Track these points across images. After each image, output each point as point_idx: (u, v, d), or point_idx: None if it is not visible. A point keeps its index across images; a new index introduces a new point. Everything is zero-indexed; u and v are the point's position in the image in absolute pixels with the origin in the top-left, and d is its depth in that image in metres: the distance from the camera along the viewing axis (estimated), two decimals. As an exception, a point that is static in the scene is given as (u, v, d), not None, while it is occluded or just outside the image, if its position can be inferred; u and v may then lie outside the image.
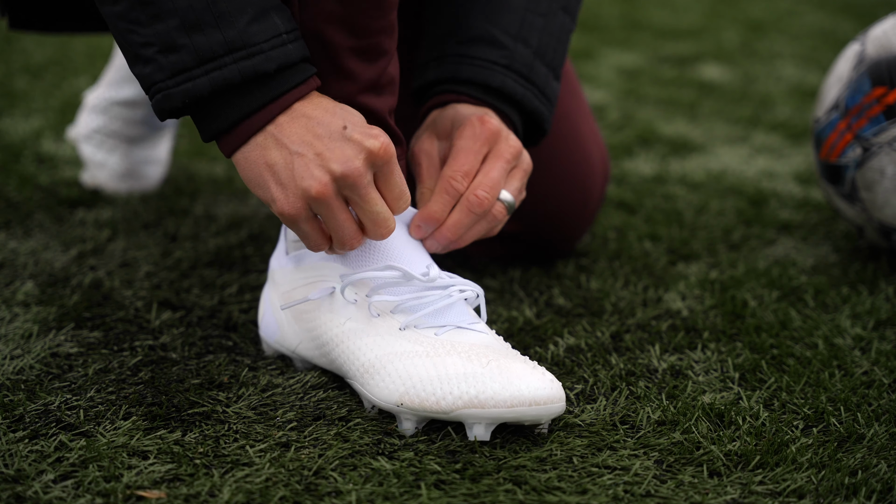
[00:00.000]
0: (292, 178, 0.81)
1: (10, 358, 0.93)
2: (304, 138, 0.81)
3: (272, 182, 0.82)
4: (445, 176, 0.92)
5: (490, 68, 0.99)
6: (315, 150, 0.80)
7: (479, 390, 0.79)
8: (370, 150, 0.80)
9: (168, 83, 0.79)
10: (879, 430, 0.85)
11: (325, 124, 0.80)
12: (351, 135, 0.80)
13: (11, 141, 1.61)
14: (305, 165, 0.80)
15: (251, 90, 0.80)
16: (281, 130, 0.81)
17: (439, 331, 0.84)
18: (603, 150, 1.20)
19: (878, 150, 1.15)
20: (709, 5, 3.53)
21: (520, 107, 1.00)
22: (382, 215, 0.83)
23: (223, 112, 0.81)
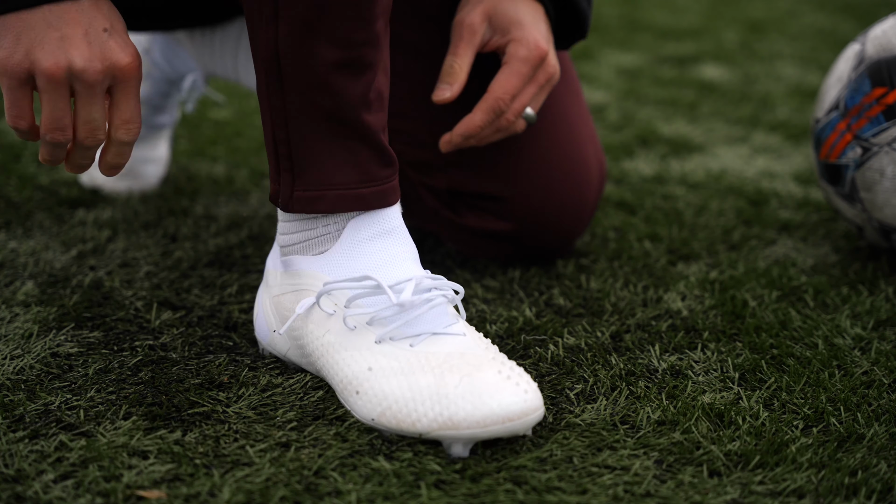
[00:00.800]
0: (35, 44, 0.80)
1: (10, 358, 0.93)
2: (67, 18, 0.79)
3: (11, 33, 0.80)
4: (496, 95, 0.93)
5: None
6: (70, 34, 0.79)
7: (453, 412, 0.79)
8: (115, 62, 0.80)
9: None
10: (879, 430, 0.85)
11: (91, 18, 0.80)
12: (107, 40, 0.80)
13: (11, 141, 1.61)
14: (55, 41, 0.80)
15: None
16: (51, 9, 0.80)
17: (414, 341, 0.84)
18: (600, 154, 1.19)
19: (877, 150, 1.15)
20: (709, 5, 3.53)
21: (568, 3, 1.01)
22: (95, 123, 0.82)
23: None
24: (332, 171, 0.87)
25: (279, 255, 0.94)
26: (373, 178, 0.88)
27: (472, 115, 0.93)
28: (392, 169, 0.90)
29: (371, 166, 0.87)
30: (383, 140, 0.88)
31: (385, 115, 0.89)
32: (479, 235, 1.16)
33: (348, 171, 0.87)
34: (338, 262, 0.88)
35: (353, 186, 0.87)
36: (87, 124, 0.82)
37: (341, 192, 0.87)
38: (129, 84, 0.82)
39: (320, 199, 0.87)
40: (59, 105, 0.81)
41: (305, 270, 0.90)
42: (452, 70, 0.94)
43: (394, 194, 0.90)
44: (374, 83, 0.86)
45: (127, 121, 0.83)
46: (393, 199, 0.89)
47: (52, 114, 0.81)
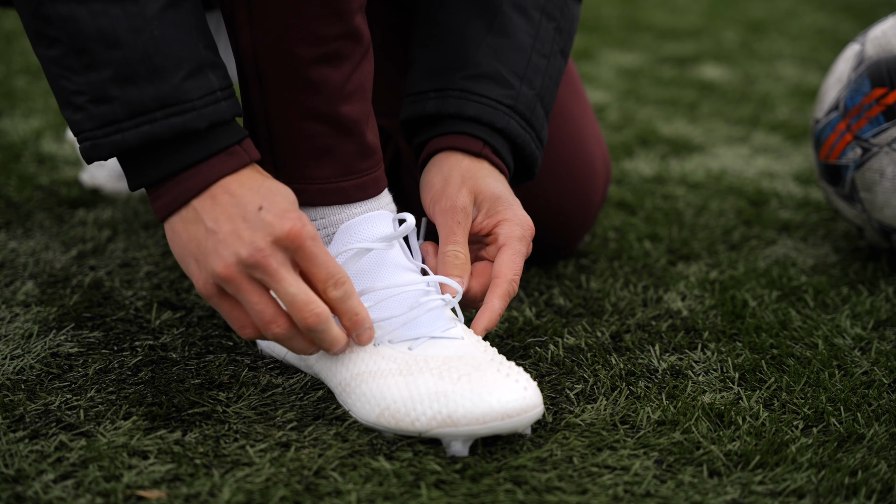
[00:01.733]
0: (204, 256, 0.79)
1: (10, 358, 0.93)
2: (221, 216, 0.79)
3: (190, 258, 0.81)
4: (508, 279, 0.91)
5: (495, 108, 0.98)
6: (227, 230, 0.78)
7: (452, 409, 0.79)
8: (278, 234, 0.77)
9: (97, 133, 0.78)
10: (879, 430, 0.85)
11: (243, 204, 0.79)
12: (264, 216, 0.78)
13: (11, 141, 1.61)
14: (215, 245, 0.78)
15: (181, 147, 0.79)
16: (203, 206, 0.79)
17: (413, 344, 0.84)
18: (605, 153, 1.20)
19: (877, 150, 1.15)
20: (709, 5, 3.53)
21: (517, 150, 1.00)
22: (299, 298, 0.78)
23: (152, 168, 0.80)
24: (312, 165, 0.87)
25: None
26: (353, 170, 0.88)
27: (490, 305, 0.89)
28: (373, 160, 0.90)
29: (351, 159, 0.88)
30: (364, 131, 0.89)
31: (367, 105, 0.89)
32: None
33: (328, 164, 0.87)
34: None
35: (333, 180, 0.88)
36: (292, 305, 0.79)
37: (321, 185, 0.88)
38: (302, 249, 0.78)
39: (302, 192, 0.88)
40: (252, 300, 0.79)
41: None
42: (459, 260, 0.91)
43: (374, 186, 0.90)
44: (353, 75, 0.87)
45: (325, 279, 0.80)
46: (373, 191, 0.90)
47: (253, 311, 0.80)
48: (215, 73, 0.80)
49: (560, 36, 1.03)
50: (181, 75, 0.78)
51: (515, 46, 1.00)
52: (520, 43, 1.00)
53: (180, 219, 0.80)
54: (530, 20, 1.01)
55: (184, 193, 0.80)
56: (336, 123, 0.86)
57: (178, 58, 0.78)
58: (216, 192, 0.80)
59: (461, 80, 0.98)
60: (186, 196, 0.80)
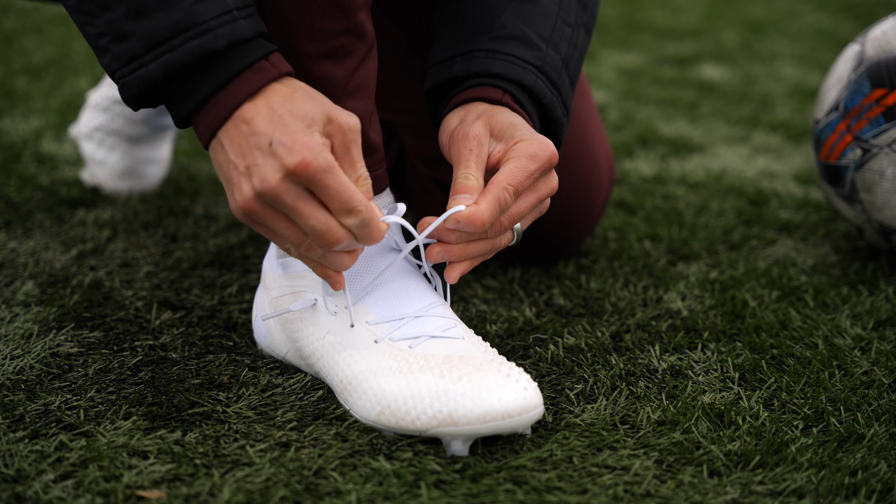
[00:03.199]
0: (231, 187, 0.80)
1: (10, 358, 0.93)
2: (238, 149, 0.78)
3: (225, 184, 0.81)
4: (501, 184, 0.86)
5: (523, 66, 0.96)
6: (245, 164, 0.78)
7: (452, 409, 0.79)
8: (288, 167, 0.76)
9: (124, 71, 0.78)
10: (879, 430, 0.85)
11: (257, 135, 0.78)
12: (275, 150, 0.77)
13: (11, 141, 1.61)
14: (238, 178, 0.79)
15: (206, 71, 0.78)
16: (226, 137, 0.79)
17: (413, 343, 0.84)
18: (609, 154, 1.19)
19: (877, 151, 1.15)
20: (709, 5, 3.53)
21: (544, 112, 0.97)
22: (318, 228, 0.78)
23: (185, 97, 0.79)
24: None
25: (276, 255, 0.94)
26: None
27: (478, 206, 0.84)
28: (375, 158, 0.90)
29: None
30: (367, 129, 0.89)
31: (370, 102, 0.89)
32: None
33: None
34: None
35: None
36: (312, 233, 0.79)
37: None
38: (313, 181, 0.77)
39: None
40: (279, 226, 0.79)
41: (303, 272, 0.90)
42: (469, 183, 0.87)
43: (376, 184, 0.90)
44: (356, 71, 0.87)
45: (339, 209, 0.78)
46: (376, 189, 0.90)
47: (283, 236, 0.80)
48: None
49: (584, 11, 1.02)
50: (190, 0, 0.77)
51: (540, 11, 0.99)
52: (545, 8, 0.99)
53: (213, 149, 0.80)
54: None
55: (211, 123, 0.79)
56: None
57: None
58: (236, 122, 0.79)
59: (487, 41, 0.97)
60: (213, 126, 0.79)
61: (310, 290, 0.89)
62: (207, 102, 0.79)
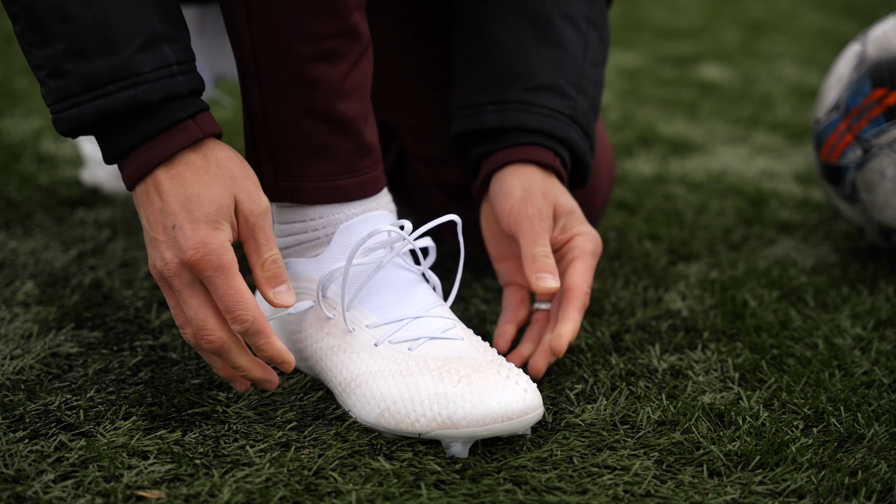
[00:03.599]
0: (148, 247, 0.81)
1: (10, 358, 0.93)
2: (150, 218, 0.80)
3: None
4: (583, 290, 0.92)
5: (557, 118, 0.98)
6: (152, 234, 0.80)
7: (452, 411, 0.79)
8: (185, 258, 0.78)
9: (57, 107, 0.78)
10: (879, 430, 0.85)
11: (166, 213, 0.79)
12: (176, 235, 0.78)
13: (11, 141, 1.61)
14: (147, 242, 0.81)
15: (137, 120, 0.78)
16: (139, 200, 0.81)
17: (413, 344, 0.84)
18: (610, 156, 1.19)
19: (878, 151, 1.15)
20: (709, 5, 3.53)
21: (577, 159, 1.01)
22: (193, 319, 0.80)
23: (112, 142, 0.80)
24: (310, 163, 0.88)
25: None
26: (351, 169, 0.88)
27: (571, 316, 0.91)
28: (371, 159, 0.90)
29: (349, 157, 0.88)
30: (362, 130, 0.89)
31: (366, 104, 0.89)
32: None
33: (326, 163, 0.88)
34: (332, 268, 0.88)
35: (331, 178, 0.88)
36: (190, 327, 0.80)
37: (319, 183, 0.88)
38: (204, 277, 0.78)
39: (300, 190, 0.88)
40: (169, 302, 0.82)
41: (302, 273, 0.90)
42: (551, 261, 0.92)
43: (373, 185, 0.90)
44: (351, 73, 0.87)
45: (226, 311, 0.79)
46: (372, 190, 0.90)
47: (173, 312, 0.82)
48: (171, 46, 0.79)
49: (603, 46, 1.05)
50: (132, 48, 0.77)
51: (569, 58, 1.01)
52: (573, 54, 1.01)
53: (134, 197, 0.82)
54: (579, 31, 1.02)
55: (130, 176, 0.80)
56: (333, 121, 0.86)
57: (129, 31, 0.77)
58: (149, 188, 0.80)
59: (521, 92, 0.99)
60: (131, 180, 0.80)
61: (308, 293, 0.89)
62: (132, 153, 0.80)
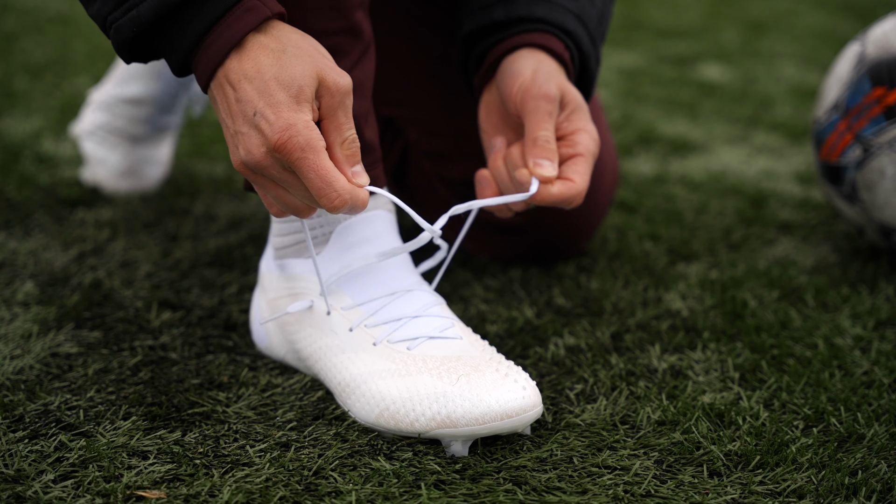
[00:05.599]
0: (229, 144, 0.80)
1: (10, 358, 0.93)
2: (228, 110, 0.79)
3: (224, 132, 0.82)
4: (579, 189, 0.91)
5: (565, 13, 0.97)
6: (234, 127, 0.78)
7: (451, 410, 0.79)
8: (271, 143, 0.77)
9: (115, 15, 0.77)
10: (879, 430, 0.85)
11: (243, 103, 0.77)
12: (258, 123, 0.77)
13: (11, 141, 1.61)
14: (229, 137, 0.80)
15: (197, 11, 0.77)
16: (218, 91, 0.79)
17: (412, 344, 0.84)
18: (613, 155, 1.19)
19: (878, 150, 1.15)
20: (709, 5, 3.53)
21: (583, 62, 0.99)
22: (293, 205, 0.80)
23: (176, 42, 0.78)
24: None
25: (273, 256, 0.94)
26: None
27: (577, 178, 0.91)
28: (371, 158, 0.90)
29: None
30: (363, 129, 0.89)
31: (366, 102, 0.89)
32: (489, 229, 1.16)
33: None
34: (330, 267, 0.88)
35: None
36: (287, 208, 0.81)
37: None
38: (291, 161, 0.77)
39: None
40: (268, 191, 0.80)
41: (301, 274, 0.90)
42: (552, 146, 0.91)
43: (371, 184, 0.90)
44: (352, 71, 0.87)
45: (318, 197, 0.78)
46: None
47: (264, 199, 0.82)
48: None
49: None
50: None
51: None
52: None
53: (210, 95, 0.80)
54: None
55: (204, 71, 0.79)
56: None
57: None
58: (222, 80, 0.78)
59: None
60: (206, 73, 0.79)
61: (307, 293, 0.89)
62: (201, 43, 0.78)
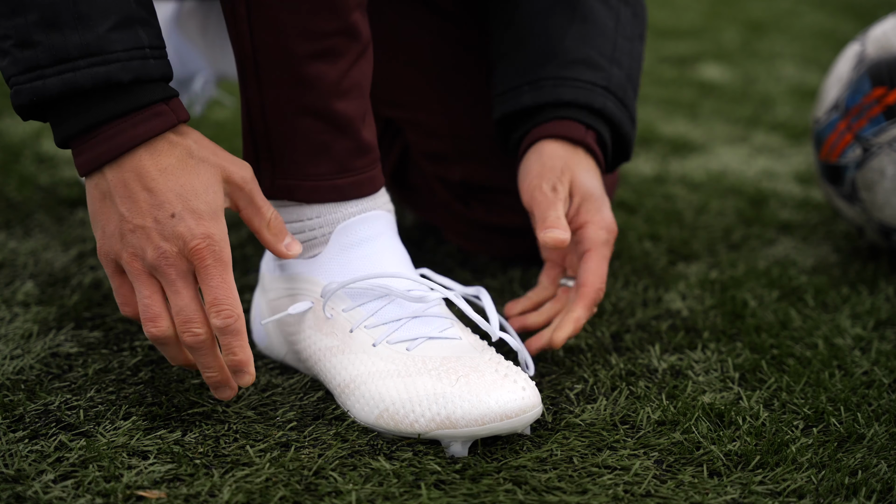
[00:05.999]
0: (112, 235, 0.79)
1: (10, 358, 0.93)
2: (134, 208, 0.78)
3: (98, 225, 0.80)
4: (596, 287, 0.93)
5: (591, 90, 0.99)
6: (138, 224, 0.78)
7: (451, 411, 0.79)
8: (188, 247, 0.77)
9: (20, 79, 0.77)
10: (879, 430, 0.85)
11: (158, 203, 0.78)
12: (176, 226, 0.77)
13: (11, 141, 1.61)
14: (125, 233, 0.79)
15: (104, 99, 0.77)
16: (117, 189, 0.78)
17: (411, 345, 0.84)
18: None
19: (878, 150, 1.15)
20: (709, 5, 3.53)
21: (615, 130, 1.01)
22: (184, 312, 0.79)
23: (73, 119, 0.78)
24: (308, 162, 0.88)
25: (273, 257, 0.94)
26: (348, 168, 0.89)
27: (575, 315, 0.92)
28: (369, 158, 0.90)
29: (346, 156, 0.88)
30: (360, 129, 0.89)
31: (364, 103, 0.89)
32: (488, 230, 1.16)
33: (323, 162, 0.88)
34: (330, 268, 0.89)
35: (328, 177, 0.88)
36: (177, 316, 0.79)
37: (316, 182, 0.88)
38: (201, 267, 0.78)
39: (297, 189, 0.88)
40: (144, 293, 0.80)
41: (300, 274, 0.90)
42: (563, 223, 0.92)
43: (370, 184, 0.90)
44: (349, 72, 0.87)
45: (213, 304, 0.78)
46: (369, 190, 0.90)
47: (141, 302, 0.80)
48: (146, 30, 0.78)
49: (636, 21, 1.06)
50: (107, 25, 0.76)
51: (600, 32, 1.02)
52: (603, 28, 1.02)
53: (95, 185, 0.80)
54: (610, 7, 1.04)
55: (98, 157, 0.78)
56: (331, 120, 0.86)
57: (104, 8, 0.76)
58: (128, 175, 0.78)
59: (554, 68, 0.99)
60: (100, 160, 0.78)
61: (306, 293, 0.89)
62: (97, 131, 0.78)
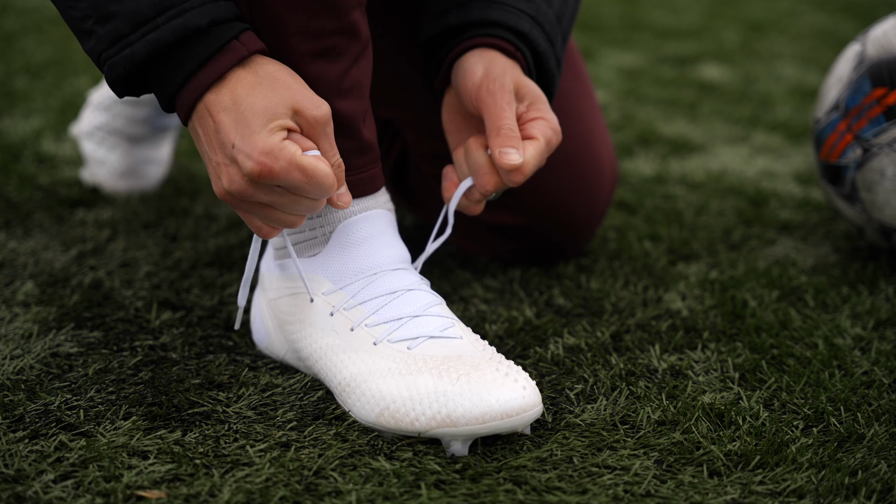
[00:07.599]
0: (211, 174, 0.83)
1: (10, 358, 0.93)
2: (208, 144, 0.81)
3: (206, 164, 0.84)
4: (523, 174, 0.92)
5: (519, 15, 0.98)
6: (215, 159, 0.81)
7: (451, 409, 0.79)
8: (249, 174, 0.79)
9: (110, 52, 0.79)
10: (879, 430, 0.85)
11: (221, 134, 0.80)
12: (236, 155, 0.79)
13: (11, 141, 1.61)
14: (211, 169, 0.82)
15: (189, 48, 0.79)
16: (195, 127, 0.82)
17: (412, 344, 0.84)
18: (612, 154, 1.19)
19: (878, 150, 1.15)
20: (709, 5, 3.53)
21: (539, 62, 1.00)
22: (284, 221, 0.83)
23: (169, 76, 0.80)
24: None
25: (274, 257, 0.94)
26: (349, 167, 0.89)
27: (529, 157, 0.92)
28: (370, 157, 0.91)
29: (347, 155, 0.88)
30: (361, 128, 0.89)
31: (364, 102, 0.89)
32: (488, 230, 1.16)
33: None
34: (330, 267, 0.89)
35: None
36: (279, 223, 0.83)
37: None
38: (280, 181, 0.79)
39: None
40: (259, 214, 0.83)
41: (304, 274, 0.90)
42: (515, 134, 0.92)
43: (371, 183, 0.90)
44: (350, 71, 0.87)
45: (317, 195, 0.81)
46: (370, 189, 0.90)
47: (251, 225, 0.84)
48: None
49: None
50: None
51: None
52: None
53: (191, 129, 0.83)
54: None
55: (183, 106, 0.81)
56: (341, 120, 0.86)
57: None
58: (202, 113, 0.81)
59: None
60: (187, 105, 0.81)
61: (308, 292, 0.89)
62: (189, 81, 0.80)
